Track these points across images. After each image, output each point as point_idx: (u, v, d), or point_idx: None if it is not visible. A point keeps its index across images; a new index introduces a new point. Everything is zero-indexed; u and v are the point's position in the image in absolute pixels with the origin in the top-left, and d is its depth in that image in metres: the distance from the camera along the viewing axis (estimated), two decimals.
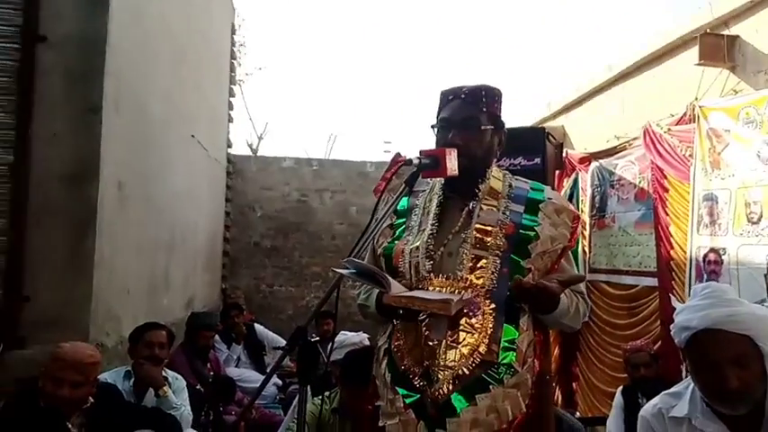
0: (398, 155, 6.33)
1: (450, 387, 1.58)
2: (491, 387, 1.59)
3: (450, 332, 1.61)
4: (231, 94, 8.12)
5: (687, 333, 1.55)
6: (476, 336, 1.61)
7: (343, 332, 3.33)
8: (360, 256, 1.55)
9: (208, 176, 6.66)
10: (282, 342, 5.58)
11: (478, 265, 1.66)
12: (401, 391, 1.64)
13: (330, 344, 3.09)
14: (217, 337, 5.07)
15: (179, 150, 5.17)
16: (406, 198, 1.81)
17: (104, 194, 3.30)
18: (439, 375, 1.60)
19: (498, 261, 1.66)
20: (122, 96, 3.57)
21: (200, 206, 6.27)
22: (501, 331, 1.62)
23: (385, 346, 1.74)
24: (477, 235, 1.69)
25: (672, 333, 1.64)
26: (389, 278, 1.58)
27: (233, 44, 8.53)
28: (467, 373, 1.59)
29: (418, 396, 1.62)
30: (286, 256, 8.50)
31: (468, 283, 1.64)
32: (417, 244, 1.71)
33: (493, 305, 1.63)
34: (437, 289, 1.65)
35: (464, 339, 1.61)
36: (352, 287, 1.86)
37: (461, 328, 1.61)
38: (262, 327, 5.87)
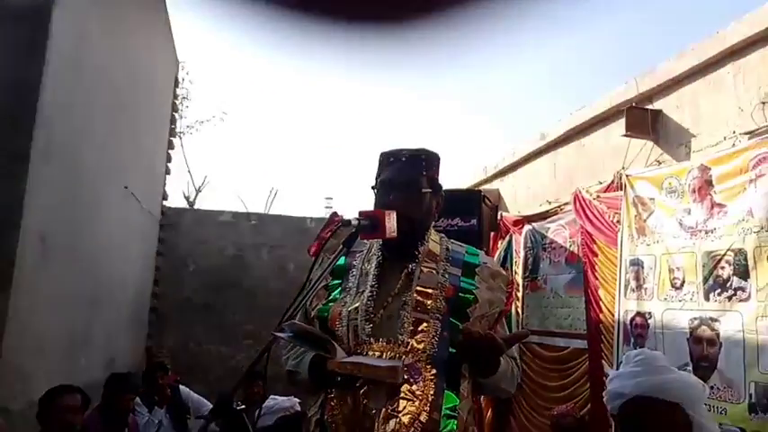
0: (335, 214, 6.33)
1: None
2: None
3: (389, 400, 1.55)
4: (170, 147, 7.98)
5: (620, 400, 1.57)
6: (416, 403, 1.55)
7: (272, 396, 3.20)
8: (293, 318, 1.50)
9: (140, 229, 6.43)
10: (209, 406, 5.31)
11: (419, 329, 1.62)
12: None
13: (258, 409, 2.97)
14: (137, 399, 4.77)
15: (111, 202, 4.99)
16: (343, 258, 1.76)
17: (25, 247, 3.12)
18: None
19: (439, 324, 1.63)
20: (53, 145, 3.44)
21: (129, 260, 6.02)
22: (442, 398, 1.58)
23: (317, 416, 1.64)
24: (418, 298, 1.66)
25: (604, 399, 1.65)
26: (335, 343, 1.53)
27: (175, 97, 8.46)
28: None
29: None
30: (218, 314, 8.20)
31: (410, 347, 1.60)
32: (356, 305, 1.67)
33: (434, 370, 1.59)
34: (377, 354, 1.61)
35: (404, 408, 1.55)
36: (285, 346, 1.79)
37: (402, 395, 1.56)
38: (187, 389, 5.58)
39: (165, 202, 7.92)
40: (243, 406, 4.38)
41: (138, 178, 5.93)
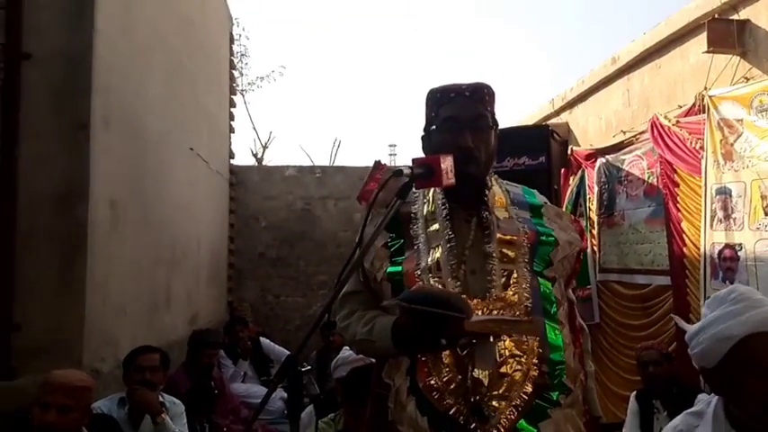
0: (379, 162, 6.13)
1: (512, 418, 1.42)
2: (550, 412, 1.45)
3: (498, 360, 1.45)
4: (232, 105, 8.04)
5: (728, 343, 1.40)
6: (524, 359, 1.46)
7: (346, 347, 3.20)
8: (348, 277, 1.36)
9: (209, 189, 6.57)
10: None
11: (511, 281, 1.51)
12: None
13: (333, 360, 2.99)
14: (222, 352, 4.97)
15: (177, 164, 5.07)
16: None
17: (96, 214, 3.20)
18: (493, 409, 1.42)
19: (527, 273, 1.53)
20: (112, 112, 3.47)
21: (202, 219, 6.17)
22: (548, 349, 1.48)
23: (406, 385, 1.51)
24: (501, 248, 1.54)
25: (696, 352, 1.49)
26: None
27: (232, 54, 8.46)
28: (525, 400, 1.44)
29: None
30: (292, 266, 8.40)
31: (505, 301, 1.49)
32: (437, 256, 1.53)
33: None
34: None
35: (512, 365, 1.45)
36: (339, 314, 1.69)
37: (508, 353, 1.46)
38: (267, 341, 5.78)
39: (231, 161, 8.04)
40: (308, 367, 4.46)
41: (202, 139, 6.00)
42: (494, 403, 1.43)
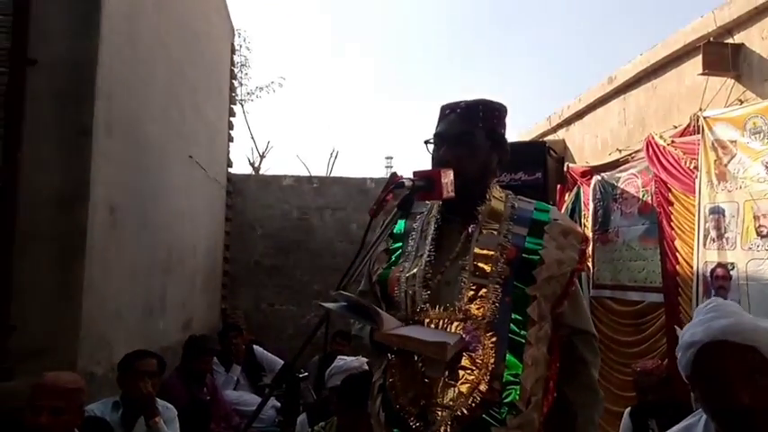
0: (395, 174, 6.24)
1: (449, 429, 1.46)
2: (492, 429, 1.47)
3: (447, 369, 1.49)
4: (231, 114, 8.09)
5: (692, 350, 1.43)
6: (476, 372, 1.48)
7: (340, 357, 3.21)
8: (355, 281, 1.43)
9: (207, 196, 6.59)
10: (281, 364, 5.47)
11: (479, 295, 1.54)
12: None
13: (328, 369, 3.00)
14: (215, 359, 4.96)
15: (176, 171, 5.10)
16: (403, 221, 1.71)
17: (95, 218, 3.23)
18: (436, 416, 1.48)
19: (500, 289, 1.54)
20: (115, 118, 3.51)
21: (198, 226, 6.19)
22: (503, 367, 1.49)
23: (380, 381, 1.63)
24: (476, 262, 1.57)
25: (678, 362, 1.52)
26: (382, 313, 1.46)
27: (233, 64, 8.52)
28: (466, 413, 1.46)
29: None
30: (287, 275, 8.40)
31: (468, 314, 1.53)
32: (414, 271, 1.60)
33: (494, 338, 1.50)
34: (434, 321, 1.54)
35: (463, 376, 1.49)
36: None
37: (460, 364, 1.49)
38: (261, 349, 5.76)
39: (229, 169, 8.07)
40: (306, 374, 4.45)
41: (201, 147, 6.04)
42: (438, 410, 1.48)
